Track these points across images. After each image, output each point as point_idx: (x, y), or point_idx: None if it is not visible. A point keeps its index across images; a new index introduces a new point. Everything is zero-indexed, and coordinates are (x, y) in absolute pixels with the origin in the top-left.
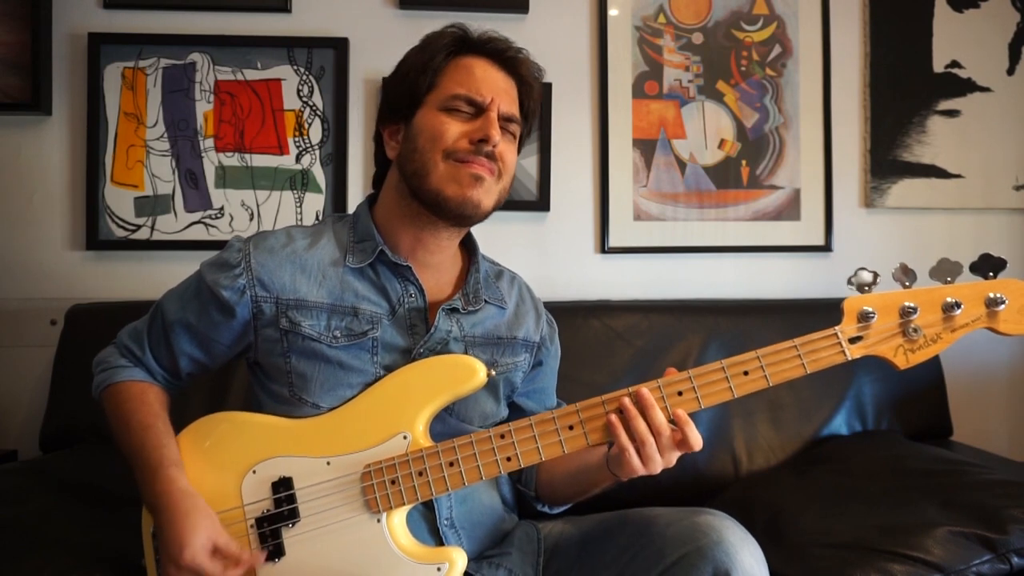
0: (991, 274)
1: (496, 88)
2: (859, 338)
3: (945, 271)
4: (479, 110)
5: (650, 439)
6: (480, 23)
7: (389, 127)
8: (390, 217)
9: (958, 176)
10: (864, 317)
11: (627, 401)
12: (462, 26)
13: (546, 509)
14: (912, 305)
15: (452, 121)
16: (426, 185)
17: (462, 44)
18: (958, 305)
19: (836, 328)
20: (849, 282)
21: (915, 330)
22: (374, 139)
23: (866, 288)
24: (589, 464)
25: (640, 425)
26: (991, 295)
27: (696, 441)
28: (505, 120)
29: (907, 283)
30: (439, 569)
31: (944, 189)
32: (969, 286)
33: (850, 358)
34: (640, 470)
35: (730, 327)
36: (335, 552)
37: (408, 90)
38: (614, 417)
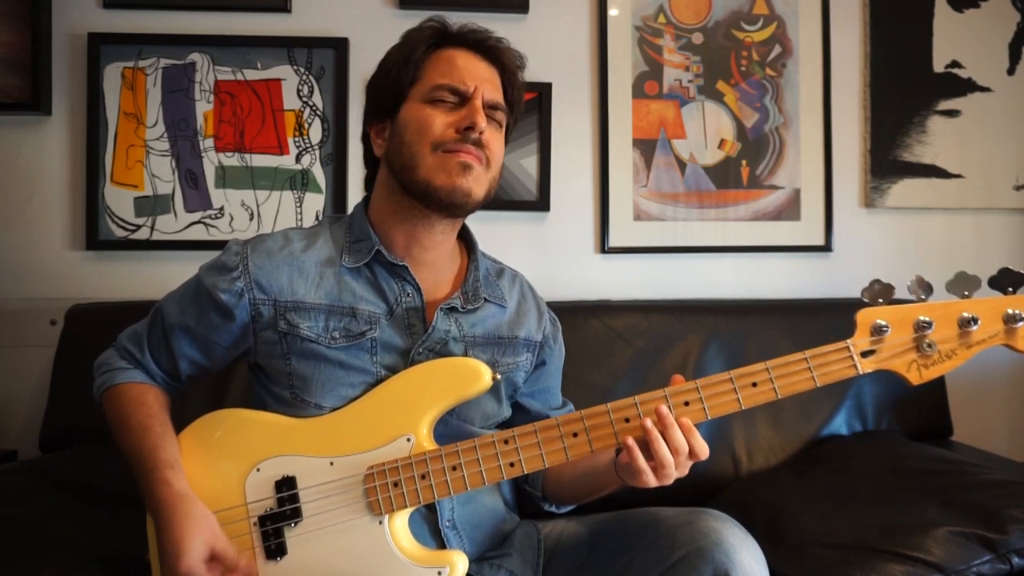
0: (1010, 289)
1: (479, 76)
2: (872, 352)
3: (962, 285)
4: (463, 99)
5: (670, 459)
6: (480, 23)
7: (375, 126)
8: (383, 215)
9: (958, 176)
10: (877, 330)
11: (650, 424)
12: (441, 19)
13: (553, 508)
14: (927, 319)
15: (437, 112)
16: (415, 177)
17: (442, 36)
18: (975, 321)
19: (848, 341)
20: (862, 294)
21: (930, 345)
22: (362, 140)
23: (880, 301)
24: (596, 468)
25: (661, 448)
26: (1010, 311)
27: (703, 450)
28: (490, 108)
29: (922, 296)
30: (440, 573)
31: (944, 189)
32: (987, 301)
33: (862, 372)
34: (654, 484)
35: (730, 327)
36: (337, 553)
37: (391, 86)
38: (631, 441)
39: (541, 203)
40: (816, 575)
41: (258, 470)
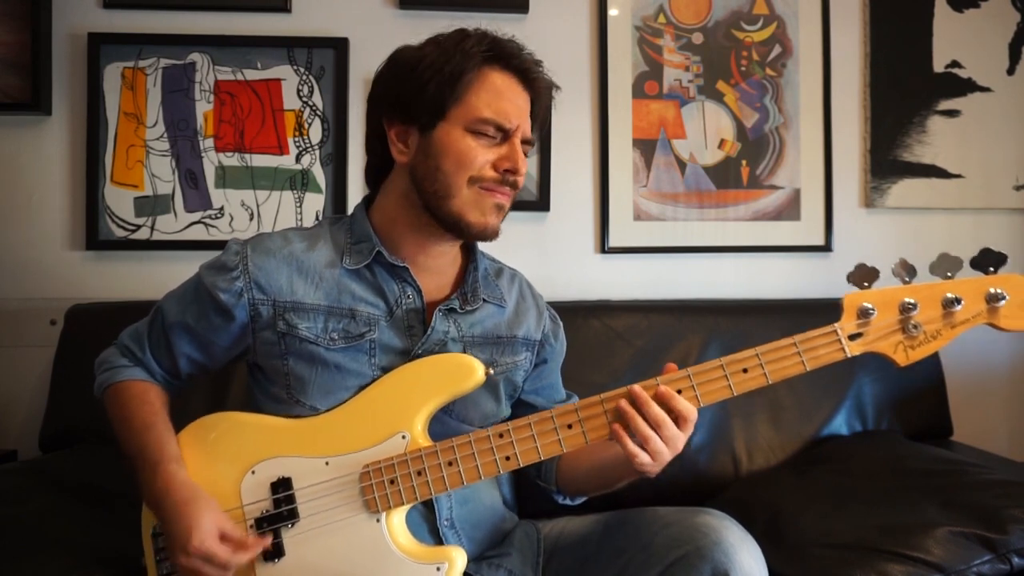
0: (991, 269)
1: (521, 112)
2: (859, 335)
3: (945, 266)
4: (505, 135)
5: (652, 434)
6: (480, 23)
7: (398, 127)
8: (394, 223)
9: (958, 176)
10: (864, 313)
11: (624, 404)
12: (489, 35)
13: (568, 502)
14: (912, 301)
15: (479, 146)
16: (447, 207)
17: (490, 56)
18: (958, 301)
19: (835, 325)
20: (848, 278)
21: (915, 326)
22: (373, 131)
23: (865, 284)
24: (616, 458)
25: (640, 424)
26: (991, 291)
27: (688, 411)
28: (524, 143)
29: (907, 279)
30: (439, 569)
31: (944, 189)
32: (969, 281)
33: (849, 355)
34: (653, 468)
35: (730, 327)
36: (335, 552)
37: (430, 97)
38: (617, 427)
39: (541, 203)
40: (816, 575)
41: (253, 472)
